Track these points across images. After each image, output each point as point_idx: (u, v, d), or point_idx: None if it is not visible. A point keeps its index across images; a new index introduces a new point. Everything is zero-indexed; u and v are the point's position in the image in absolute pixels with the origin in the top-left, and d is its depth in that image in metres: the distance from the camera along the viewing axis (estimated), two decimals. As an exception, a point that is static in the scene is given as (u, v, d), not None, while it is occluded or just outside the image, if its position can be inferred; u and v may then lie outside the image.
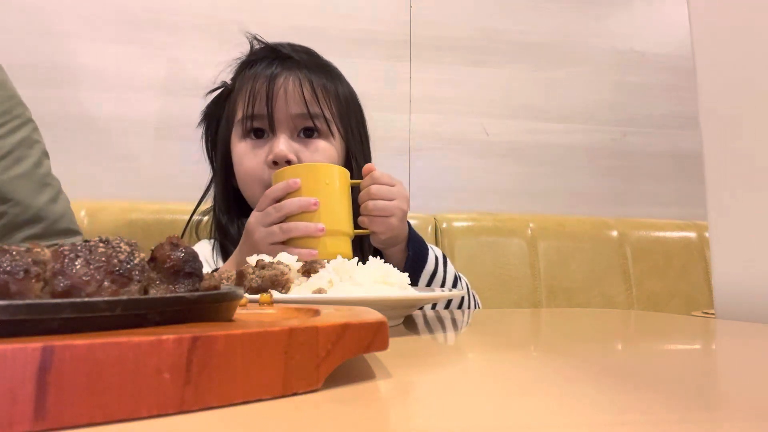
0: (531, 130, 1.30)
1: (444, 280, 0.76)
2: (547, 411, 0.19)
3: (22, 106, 0.78)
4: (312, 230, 0.64)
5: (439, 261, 0.77)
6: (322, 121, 0.80)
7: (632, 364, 0.30)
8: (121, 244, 0.22)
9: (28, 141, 0.77)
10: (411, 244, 0.74)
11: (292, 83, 0.79)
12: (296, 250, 0.64)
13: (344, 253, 0.66)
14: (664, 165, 1.36)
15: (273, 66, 0.80)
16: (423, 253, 0.75)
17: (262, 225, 0.67)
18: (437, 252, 0.78)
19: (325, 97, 0.81)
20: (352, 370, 0.24)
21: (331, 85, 0.83)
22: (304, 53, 0.84)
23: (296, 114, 0.79)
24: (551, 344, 0.40)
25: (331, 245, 0.66)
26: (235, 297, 0.26)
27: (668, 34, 1.38)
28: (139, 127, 1.14)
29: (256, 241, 0.67)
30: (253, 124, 0.80)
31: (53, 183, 0.80)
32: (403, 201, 0.70)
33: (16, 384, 0.16)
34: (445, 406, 0.20)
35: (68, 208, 0.81)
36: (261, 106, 0.78)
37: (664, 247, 1.18)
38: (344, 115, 0.84)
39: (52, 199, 0.78)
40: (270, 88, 0.78)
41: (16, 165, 0.74)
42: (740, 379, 0.27)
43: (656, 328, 0.51)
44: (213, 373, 0.18)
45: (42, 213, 0.76)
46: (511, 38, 1.31)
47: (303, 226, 0.65)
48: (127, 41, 1.14)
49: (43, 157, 0.80)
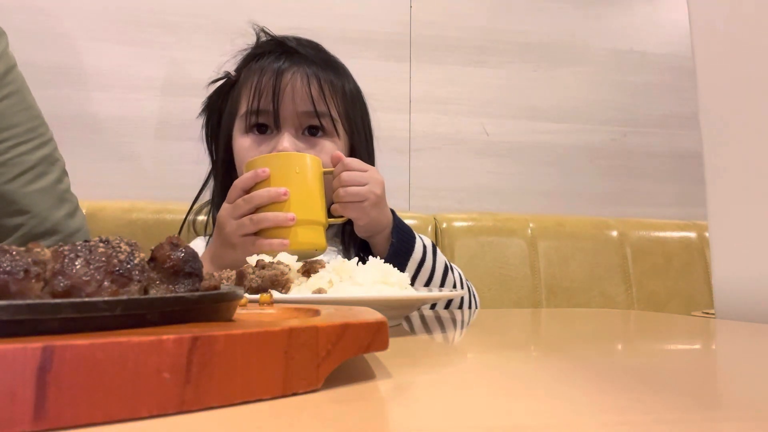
0: (531, 130, 1.30)
1: (433, 268, 0.75)
2: (547, 411, 0.19)
3: (45, 126, 0.81)
4: (282, 220, 0.63)
5: (428, 249, 0.75)
6: (328, 120, 0.79)
7: (632, 364, 0.30)
8: (121, 244, 0.22)
9: (50, 158, 0.80)
10: (396, 232, 0.72)
11: (300, 80, 0.77)
12: (267, 241, 0.63)
13: (317, 243, 0.66)
14: (664, 165, 1.36)
15: (281, 61, 0.79)
16: (409, 241, 0.73)
17: (232, 217, 0.66)
18: (426, 240, 0.77)
19: (332, 95, 0.80)
20: (352, 370, 0.24)
21: (338, 81, 0.82)
22: (311, 48, 0.83)
23: (303, 112, 0.78)
24: (551, 344, 0.40)
25: (303, 235, 0.65)
26: (235, 297, 0.26)
27: (668, 34, 1.38)
28: (139, 127, 1.14)
29: (228, 234, 0.66)
30: (258, 119, 0.78)
31: (72, 199, 0.82)
32: (375, 185, 0.69)
33: (16, 384, 0.16)
34: (445, 406, 0.20)
35: (84, 224, 0.83)
36: (267, 102, 0.77)
37: (664, 247, 1.18)
38: (350, 112, 0.83)
39: (69, 214, 0.80)
40: (277, 83, 0.77)
41: (38, 180, 0.77)
42: (740, 379, 0.27)
43: (656, 328, 0.51)
44: (213, 373, 0.18)
45: (59, 226, 0.78)
46: (511, 38, 1.31)
47: (273, 217, 0.64)
48: (127, 41, 1.14)
49: (63, 175, 0.82)
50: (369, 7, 1.25)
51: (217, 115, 0.86)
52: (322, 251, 0.67)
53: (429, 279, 0.74)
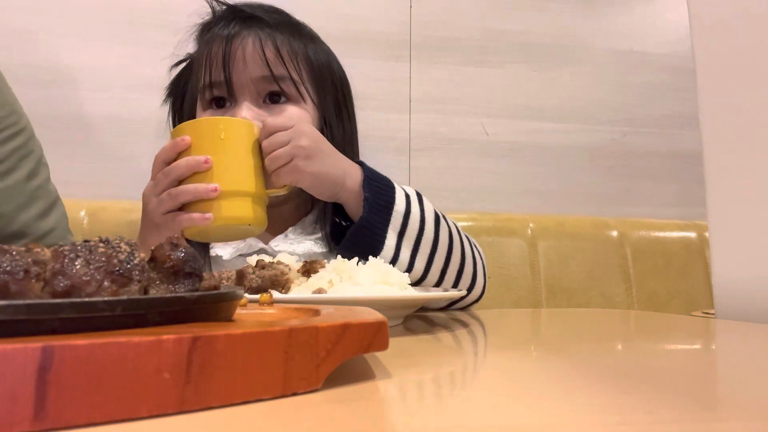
0: (531, 130, 1.30)
1: (422, 219, 0.65)
2: (547, 411, 0.19)
3: (16, 114, 0.74)
4: (202, 191, 0.57)
5: (412, 199, 0.65)
6: (289, 84, 0.71)
7: (632, 364, 0.30)
8: (121, 244, 0.22)
9: (21, 151, 0.72)
10: (367, 185, 0.63)
11: (252, 43, 0.70)
12: (187, 216, 0.57)
13: (247, 216, 0.59)
14: (664, 165, 1.35)
15: (230, 26, 0.72)
16: (387, 192, 0.63)
17: (153, 194, 0.60)
18: (408, 190, 0.67)
19: (292, 57, 0.72)
20: (352, 370, 0.24)
21: (299, 44, 0.74)
22: (271, 12, 0.76)
23: (258, 77, 0.70)
24: (551, 344, 0.40)
25: (228, 208, 0.58)
26: (235, 297, 0.26)
27: (668, 34, 1.38)
28: (139, 127, 1.14)
29: (150, 213, 0.60)
30: (213, 92, 0.72)
31: (46, 196, 0.74)
32: (299, 138, 0.60)
33: (16, 384, 0.16)
34: (445, 406, 0.20)
35: (60, 222, 0.76)
36: (218, 72, 0.70)
37: (664, 247, 1.17)
38: (317, 78, 0.75)
39: (42, 213, 0.73)
40: (227, 50, 0.69)
41: (5, 177, 0.70)
42: (740, 379, 0.27)
43: (656, 328, 0.51)
44: (213, 373, 0.18)
45: (28, 228, 0.71)
46: (511, 38, 1.31)
47: (193, 189, 0.57)
48: (126, 41, 1.14)
49: (38, 168, 0.75)
50: (369, 7, 1.25)
51: (180, 99, 0.81)
52: (259, 228, 0.61)
53: (419, 232, 0.65)
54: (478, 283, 0.72)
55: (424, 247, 0.65)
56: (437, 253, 0.66)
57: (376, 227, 0.62)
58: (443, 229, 0.67)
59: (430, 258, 0.65)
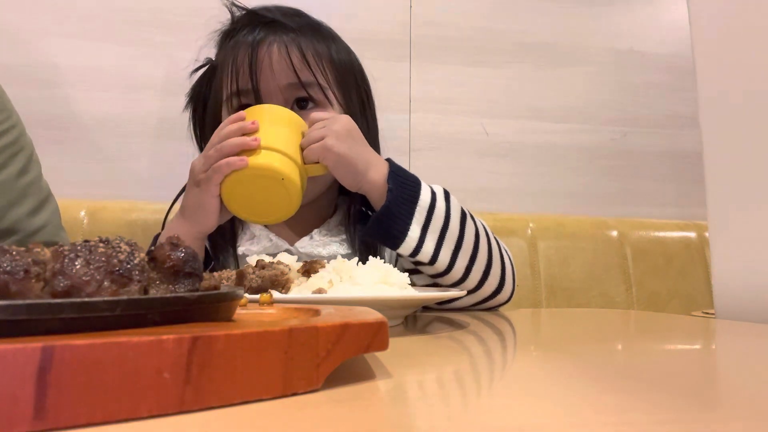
0: (531, 130, 1.30)
1: (447, 215, 0.65)
2: (547, 411, 0.19)
3: (6, 111, 0.74)
4: (245, 141, 0.60)
5: (438, 195, 0.67)
6: (316, 90, 0.72)
7: (632, 364, 0.30)
8: (121, 244, 0.22)
9: (12, 148, 0.72)
10: (392, 178, 0.65)
11: (277, 50, 0.70)
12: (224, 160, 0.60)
13: (281, 170, 0.61)
14: (664, 165, 1.35)
15: (255, 32, 0.72)
16: (412, 186, 0.65)
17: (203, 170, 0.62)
18: (436, 187, 0.68)
19: (318, 61, 0.73)
20: (352, 370, 0.24)
21: (323, 47, 0.74)
22: (292, 15, 0.75)
23: (286, 85, 0.71)
24: (551, 344, 0.40)
25: (266, 157, 0.61)
26: (235, 297, 0.26)
27: (668, 34, 1.37)
28: (139, 127, 1.14)
29: (195, 173, 0.64)
30: (241, 100, 0.72)
31: (38, 193, 0.75)
32: (334, 122, 0.64)
33: (16, 384, 0.16)
34: (445, 406, 0.20)
35: (52, 218, 0.76)
36: (245, 80, 0.70)
37: (664, 247, 1.17)
38: (342, 80, 0.76)
39: (32, 210, 0.73)
40: (253, 57, 0.70)
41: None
42: (740, 379, 0.27)
43: (656, 328, 0.51)
44: (213, 373, 0.18)
45: (18, 225, 0.71)
46: (511, 38, 1.31)
47: (239, 140, 0.60)
48: (126, 41, 1.14)
49: (29, 165, 0.75)
50: (369, 7, 1.25)
51: (202, 106, 0.81)
52: (295, 189, 0.62)
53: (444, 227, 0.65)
54: (506, 289, 0.71)
55: (448, 242, 0.65)
56: (462, 249, 0.66)
57: (398, 217, 0.63)
58: (469, 226, 0.67)
59: (455, 253, 0.65)
